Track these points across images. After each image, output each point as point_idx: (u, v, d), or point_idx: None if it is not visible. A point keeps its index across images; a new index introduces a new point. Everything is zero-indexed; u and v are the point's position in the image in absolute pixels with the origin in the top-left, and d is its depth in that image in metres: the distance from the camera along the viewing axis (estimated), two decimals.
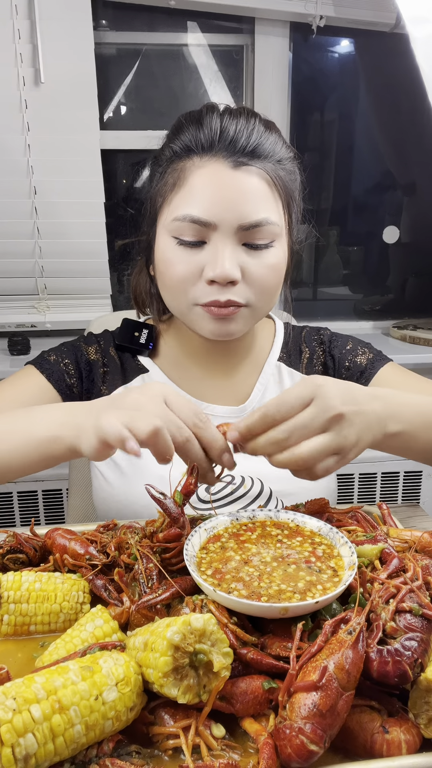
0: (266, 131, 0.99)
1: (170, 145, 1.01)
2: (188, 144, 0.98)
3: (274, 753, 0.56)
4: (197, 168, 0.96)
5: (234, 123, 0.96)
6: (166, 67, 2.30)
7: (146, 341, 1.17)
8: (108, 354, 1.17)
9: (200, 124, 0.97)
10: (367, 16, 2.22)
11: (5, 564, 0.85)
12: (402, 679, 0.59)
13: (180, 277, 0.98)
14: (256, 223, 0.95)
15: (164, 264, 1.00)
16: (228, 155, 0.95)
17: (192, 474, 0.79)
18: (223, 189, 0.94)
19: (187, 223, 0.95)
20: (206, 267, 0.96)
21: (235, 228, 0.95)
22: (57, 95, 2.04)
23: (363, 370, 1.16)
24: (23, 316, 2.28)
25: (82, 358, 1.14)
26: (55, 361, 1.12)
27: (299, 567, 0.72)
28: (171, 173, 0.99)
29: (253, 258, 0.98)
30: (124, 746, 0.58)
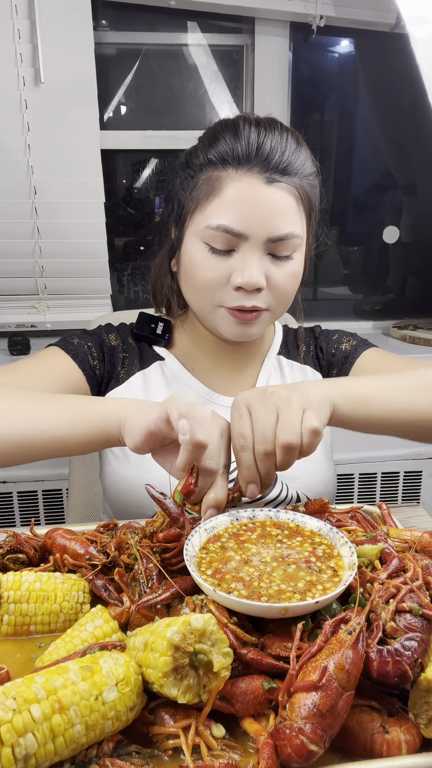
0: (297, 147, 1.04)
1: (206, 154, 1.05)
2: (224, 155, 1.02)
3: (274, 753, 0.56)
4: (233, 180, 1.01)
5: (269, 139, 1.01)
6: (166, 67, 2.30)
7: (162, 332, 1.23)
8: (127, 341, 1.22)
9: (237, 136, 1.02)
10: (367, 16, 2.22)
11: (5, 564, 0.85)
12: (402, 679, 0.59)
13: (208, 282, 1.04)
14: (283, 237, 1.02)
15: (193, 267, 1.06)
16: (262, 171, 1.00)
17: (192, 474, 0.79)
18: (256, 203, 1.00)
19: (220, 232, 1.01)
20: (234, 274, 1.02)
21: (265, 240, 1.01)
22: (57, 95, 2.04)
23: (347, 355, 1.24)
24: (23, 316, 2.28)
25: (104, 343, 1.19)
26: (79, 344, 1.17)
27: (299, 567, 0.72)
28: (205, 181, 1.04)
29: (276, 267, 1.05)
30: (124, 746, 0.58)
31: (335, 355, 1.25)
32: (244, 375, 1.23)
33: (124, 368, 1.19)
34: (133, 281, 2.47)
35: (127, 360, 1.20)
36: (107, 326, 1.25)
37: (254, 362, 1.25)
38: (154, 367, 1.20)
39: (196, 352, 1.22)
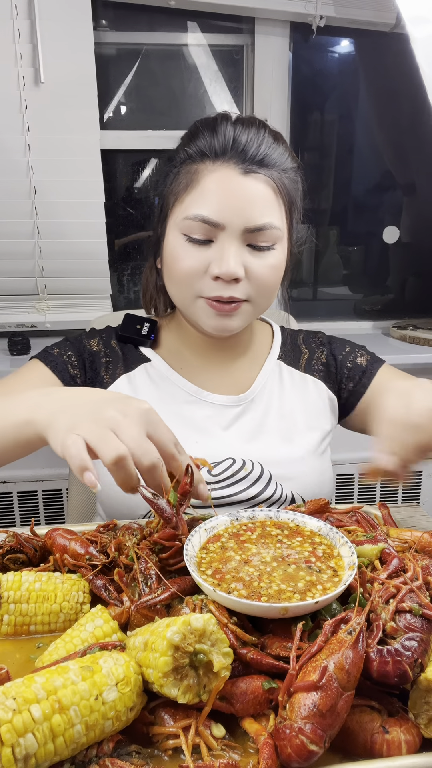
0: (274, 142, 1.06)
1: (185, 149, 1.07)
2: (202, 149, 1.04)
3: (274, 753, 0.56)
4: (210, 172, 1.03)
5: (246, 133, 1.03)
6: (166, 67, 2.30)
7: (148, 333, 1.23)
8: (110, 345, 1.22)
9: (215, 131, 1.04)
10: (367, 16, 2.22)
11: (5, 564, 0.85)
12: (402, 679, 0.59)
13: (187, 271, 1.05)
14: (260, 227, 1.02)
15: (172, 258, 1.06)
16: (239, 162, 1.02)
17: (187, 474, 0.79)
18: (232, 193, 1.01)
19: (197, 222, 1.02)
20: (212, 264, 1.03)
21: (241, 230, 1.02)
22: (57, 95, 2.04)
23: (364, 370, 1.24)
24: (23, 316, 2.28)
25: (84, 349, 1.19)
26: (59, 354, 1.17)
27: (299, 567, 0.72)
28: (184, 174, 1.05)
29: (256, 258, 1.05)
30: (124, 746, 0.58)
31: (351, 368, 1.25)
32: (236, 374, 1.22)
33: (108, 372, 1.18)
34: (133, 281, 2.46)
35: (110, 364, 1.19)
36: (90, 331, 1.25)
37: (250, 363, 1.24)
38: (139, 370, 1.20)
39: (184, 350, 1.22)
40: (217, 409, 1.17)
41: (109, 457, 0.71)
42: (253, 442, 1.16)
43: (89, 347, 1.20)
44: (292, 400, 1.21)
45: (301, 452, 1.16)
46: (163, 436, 0.77)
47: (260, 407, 1.19)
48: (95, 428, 0.73)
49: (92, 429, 0.73)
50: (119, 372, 1.18)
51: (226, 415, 1.17)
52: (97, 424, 0.73)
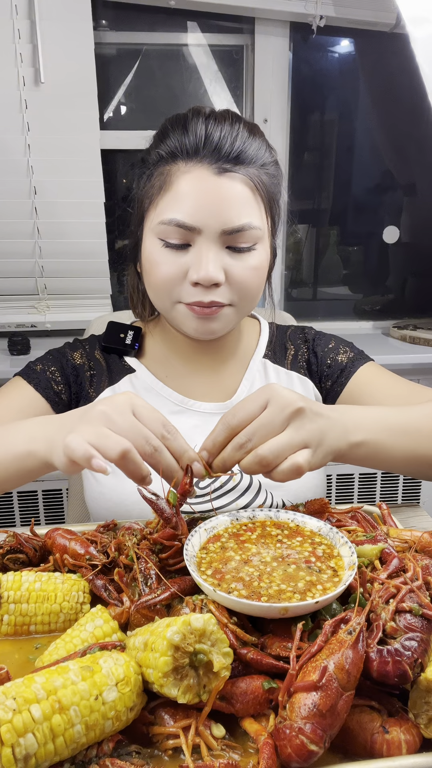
0: (250, 136, 1.01)
1: (156, 149, 1.03)
2: (174, 149, 1.00)
3: (274, 753, 0.56)
4: (182, 173, 0.98)
5: (219, 129, 0.98)
6: (166, 67, 2.30)
7: (132, 342, 1.20)
8: (93, 357, 1.19)
9: (185, 129, 1.00)
10: (367, 16, 2.22)
11: (5, 564, 0.85)
12: (402, 679, 0.59)
13: (165, 278, 1.01)
14: (238, 228, 0.98)
15: (150, 264, 1.03)
16: (212, 161, 0.97)
17: (187, 474, 0.79)
18: (207, 195, 0.97)
19: (172, 226, 0.98)
20: (191, 269, 0.99)
21: (219, 232, 0.98)
22: (57, 95, 2.04)
23: (343, 368, 1.19)
24: (23, 316, 2.28)
25: (67, 364, 1.16)
26: (42, 370, 1.14)
27: (299, 567, 0.72)
28: (157, 176, 1.02)
29: (236, 260, 1.01)
30: (124, 746, 0.58)
31: (331, 366, 1.20)
32: (223, 378, 1.19)
33: (93, 386, 1.16)
34: None
35: (95, 377, 1.17)
36: (74, 343, 1.22)
37: (236, 365, 1.21)
38: (123, 382, 1.17)
39: (170, 357, 1.19)
40: (204, 418, 1.14)
41: (114, 453, 0.71)
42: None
43: (72, 361, 1.17)
44: None
45: None
46: (150, 418, 0.77)
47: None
48: (90, 428, 0.73)
49: (87, 430, 0.73)
50: (104, 385, 1.16)
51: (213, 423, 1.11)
52: (91, 424, 0.74)
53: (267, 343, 1.24)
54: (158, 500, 0.78)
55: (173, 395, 1.15)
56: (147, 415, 0.77)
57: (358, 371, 1.18)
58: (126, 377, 1.17)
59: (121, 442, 0.72)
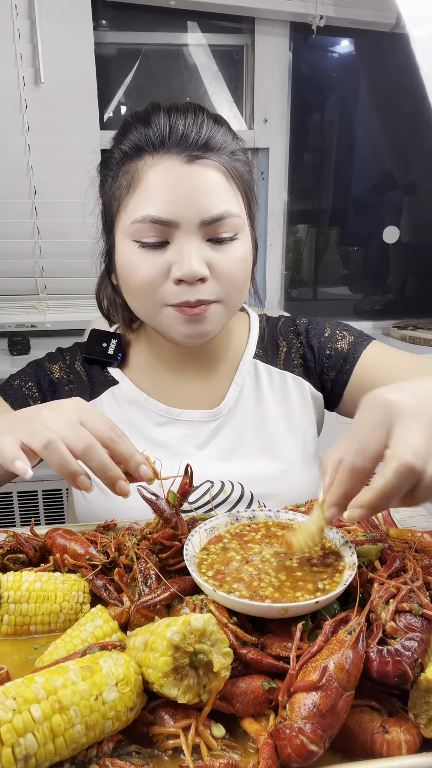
0: (215, 124, 0.96)
1: (119, 147, 0.99)
2: (138, 143, 0.95)
3: (274, 753, 0.56)
4: (150, 167, 0.94)
5: (182, 118, 0.94)
6: (166, 67, 2.30)
7: (115, 352, 1.14)
8: (74, 370, 1.14)
9: (148, 122, 0.95)
10: (367, 16, 2.22)
11: (5, 564, 0.85)
12: (402, 679, 0.59)
13: (145, 280, 0.95)
14: (218, 217, 0.93)
15: (127, 269, 0.98)
16: (181, 150, 0.93)
17: (187, 473, 0.79)
18: (179, 185, 0.92)
19: (147, 224, 0.93)
20: (173, 267, 0.94)
21: (198, 223, 0.93)
22: (57, 95, 2.04)
23: (346, 355, 1.13)
24: (23, 316, 2.28)
25: (45, 378, 1.13)
26: (19, 386, 1.11)
27: (299, 566, 0.72)
28: (123, 175, 0.97)
29: (219, 252, 0.96)
30: (124, 746, 0.58)
31: (331, 356, 1.14)
32: (212, 384, 1.13)
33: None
34: None
35: (75, 391, 1.12)
36: (54, 354, 1.17)
37: (225, 369, 1.14)
38: (106, 395, 1.12)
39: (157, 365, 1.13)
40: (191, 427, 1.10)
41: (38, 445, 0.71)
42: (231, 459, 1.09)
43: (50, 375, 1.13)
44: (270, 405, 1.13)
45: (282, 466, 1.09)
46: (96, 422, 0.76)
47: (237, 419, 1.11)
48: (27, 428, 0.74)
49: (25, 429, 0.73)
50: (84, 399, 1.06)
51: (201, 432, 1.10)
52: (30, 425, 0.74)
53: (258, 340, 1.18)
54: (158, 500, 0.78)
55: (158, 406, 1.11)
56: (93, 419, 0.76)
57: (363, 355, 1.12)
58: (108, 390, 1.13)
59: (45, 434, 0.71)
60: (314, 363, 1.16)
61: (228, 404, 1.12)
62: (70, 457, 0.72)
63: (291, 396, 1.14)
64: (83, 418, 0.76)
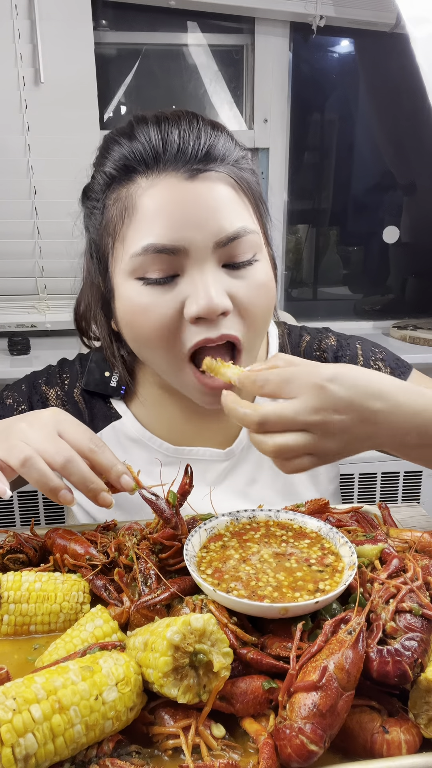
0: (214, 131, 0.84)
1: (102, 171, 0.86)
2: (126, 163, 0.82)
3: (274, 753, 0.56)
4: (145, 189, 0.81)
5: (175, 129, 0.82)
6: (166, 67, 2.30)
7: (117, 384, 1.01)
8: (71, 398, 1.03)
9: (134, 138, 0.83)
10: (367, 16, 2.22)
11: (5, 564, 0.85)
12: (402, 679, 0.59)
13: (156, 324, 0.82)
14: (233, 235, 0.81)
15: (133, 314, 0.83)
16: (179, 165, 0.80)
17: (187, 474, 0.79)
18: (183, 205, 0.79)
19: (150, 255, 0.79)
20: (187, 302, 0.80)
21: (211, 247, 0.80)
22: (57, 95, 2.04)
23: None
24: (23, 316, 2.28)
25: (38, 403, 1.02)
26: (10, 405, 1.03)
27: (299, 566, 0.72)
28: (114, 204, 0.84)
29: (238, 279, 0.83)
30: (124, 746, 0.58)
31: None
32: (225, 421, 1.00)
33: None
34: None
35: None
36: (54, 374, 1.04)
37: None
38: (107, 431, 1.02)
39: (165, 399, 1.00)
40: (202, 466, 1.00)
41: (15, 462, 0.70)
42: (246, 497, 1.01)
43: (45, 401, 1.02)
44: None
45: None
46: (74, 433, 0.74)
47: (251, 459, 1.02)
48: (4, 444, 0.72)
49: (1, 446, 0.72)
50: None
51: (212, 471, 1.01)
52: (7, 440, 0.73)
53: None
54: (158, 500, 0.78)
55: (163, 446, 1.01)
56: (71, 430, 0.74)
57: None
58: (110, 425, 1.02)
59: (22, 450, 0.70)
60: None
61: (242, 443, 1.02)
62: (49, 473, 0.71)
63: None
64: (62, 429, 0.74)
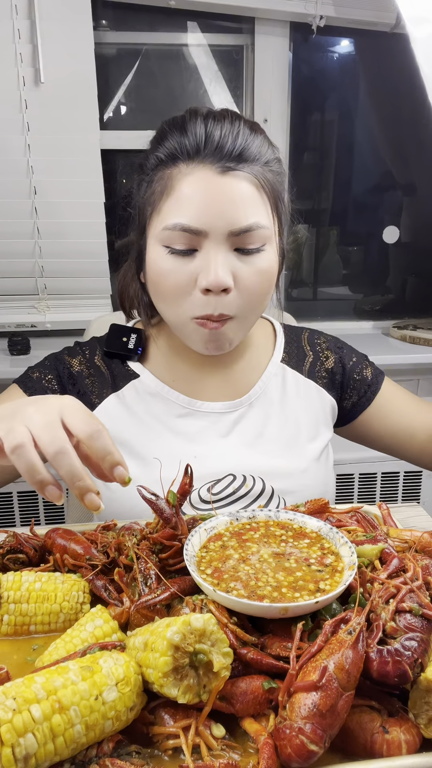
0: (252, 134, 0.98)
1: (155, 153, 1.00)
2: (173, 152, 0.97)
3: (274, 753, 0.56)
4: (184, 176, 0.96)
5: (219, 127, 0.96)
6: (166, 67, 2.30)
7: (135, 346, 1.16)
8: (93, 364, 1.15)
9: (184, 130, 0.97)
10: (367, 16, 2.22)
11: (5, 564, 0.85)
12: (402, 679, 0.59)
13: (174, 288, 0.98)
14: (246, 228, 0.95)
15: (157, 274, 1.00)
16: (215, 161, 0.95)
17: (187, 474, 0.79)
18: (211, 196, 0.94)
19: (177, 231, 0.95)
20: (199, 275, 0.96)
21: (226, 234, 0.95)
22: (57, 95, 2.04)
23: (369, 384, 1.22)
24: (23, 316, 2.28)
25: (64, 371, 1.14)
26: (38, 378, 1.12)
27: (299, 566, 0.72)
28: (158, 181, 0.99)
29: (244, 263, 0.98)
30: (124, 746, 0.58)
31: (359, 381, 1.22)
32: (234, 379, 1.16)
33: (95, 393, 1.13)
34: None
35: (95, 384, 1.13)
36: (73, 348, 1.18)
37: (251, 365, 1.18)
38: (128, 388, 1.14)
39: (176, 360, 1.15)
40: (213, 418, 1.13)
41: (7, 447, 0.70)
42: (254, 448, 1.12)
43: (70, 368, 1.14)
44: (295, 407, 1.17)
45: (304, 464, 1.13)
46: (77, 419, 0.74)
47: (260, 412, 1.15)
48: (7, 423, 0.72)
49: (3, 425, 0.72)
50: (106, 392, 1.13)
51: (223, 422, 1.13)
52: (11, 420, 0.73)
53: (284, 345, 1.22)
54: (158, 500, 0.78)
55: (180, 398, 1.13)
56: (75, 416, 0.75)
57: (381, 389, 1.22)
58: (130, 383, 1.14)
59: (18, 436, 0.70)
60: (341, 381, 1.22)
61: (251, 397, 1.15)
62: (38, 465, 0.71)
63: (313, 402, 1.19)
64: (65, 415, 0.74)
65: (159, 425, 1.11)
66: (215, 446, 1.11)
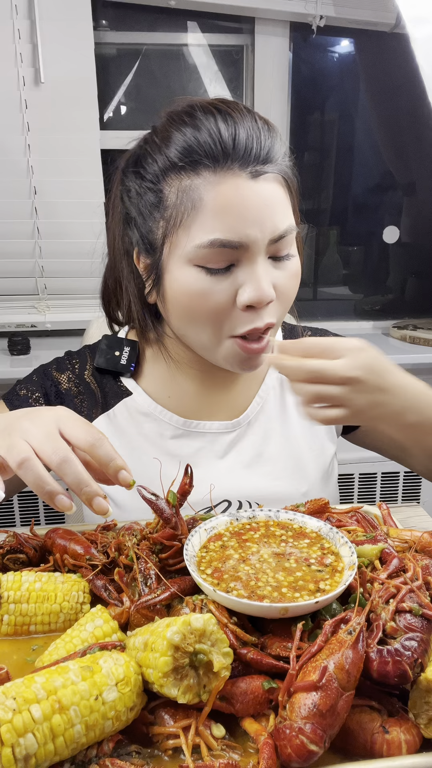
0: (269, 132, 0.90)
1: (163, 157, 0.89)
2: (193, 157, 0.86)
3: (274, 753, 0.56)
4: (214, 185, 0.85)
5: (242, 127, 0.87)
6: (166, 67, 2.30)
7: (128, 361, 1.08)
8: (83, 380, 1.09)
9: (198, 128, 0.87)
10: (367, 16, 2.22)
11: (5, 564, 0.85)
12: (402, 679, 0.59)
13: (214, 310, 0.89)
14: (284, 233, 0.89)
15: (190, 298, 0.90)
16: (244, 165, 0.86)
17: (187, 474, 0.79)
18: (248, 205, 0.85)
19: (215, 249, 0.86)
20: (240, 291, 0.88)
21: (266, 243, 0.88)
22: (57, 95, 2.04)
23: None
24: (23, 316, 2.28)
25: (52, 389, 1.08)
26: (25, 396, 1.07)
27: (299, 566, 0.72)
28: (177, 193, 0.88)
29: (279, 270, 0.92)
30: (124, 746, 0.58)
31: None
32: (234, 394, 1.09)
33: (84, 413, 1.06)
34: None
35: (86, 403, 1.07)
36: (62, 361, 1.11)
37: (250, 379, 1.11)
38: (119, 407, 1.07)
39: (176, 374, 1.07)
40: (209, 438, 1.06)
41: (13, 463, 0.70)
42: (252, 470, 1.07)
43: (58, 385, 1.08)
44: (294, 421, 1.10)
45: (304, 487, 1.08)
46: (75, 428, 0.74)
47: (259, 431, 1.09)
48: (5, 441, 0.72)
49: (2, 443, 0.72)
50: (96, 412, 1.06)
51: (220, 442, 1.07)
52: (9, 437, 0.73)
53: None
54: (158, 500, 0.78)
55: (174, 419, 1.06)
56: (72, 426, 0.74)
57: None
58: (122, 402, 1.07)
59: (21, 451, 0.70)
60: None
61: (249, 416, 1.09)
62: (46, 476, 0.71)
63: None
64: (62, 426, 0.74)
65: (151, 447, 1.05)
66: (210, 469, 1.05)
